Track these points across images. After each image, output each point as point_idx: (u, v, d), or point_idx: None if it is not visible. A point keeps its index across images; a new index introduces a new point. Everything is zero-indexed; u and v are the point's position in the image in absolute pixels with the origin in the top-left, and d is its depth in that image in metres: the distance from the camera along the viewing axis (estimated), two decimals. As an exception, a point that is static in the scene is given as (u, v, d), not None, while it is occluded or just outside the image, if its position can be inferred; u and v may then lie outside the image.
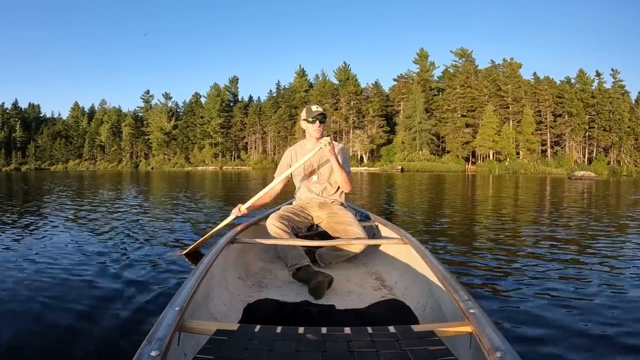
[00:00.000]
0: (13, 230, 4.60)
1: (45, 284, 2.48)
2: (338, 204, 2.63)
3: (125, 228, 4.74)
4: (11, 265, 2.95)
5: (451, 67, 59.28)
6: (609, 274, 2.82)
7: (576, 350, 1.68)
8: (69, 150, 79.72)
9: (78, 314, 1.97)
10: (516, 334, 1.79)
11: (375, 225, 2.72)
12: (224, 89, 73.12)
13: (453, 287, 1.30)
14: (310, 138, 2.57)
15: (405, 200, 9.96)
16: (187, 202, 8.47)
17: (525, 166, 45.39)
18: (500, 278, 2.70)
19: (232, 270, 2.08)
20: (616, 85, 52.94)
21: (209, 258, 1.65)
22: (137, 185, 16.42)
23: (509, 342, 0.93)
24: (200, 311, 1.44)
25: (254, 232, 2.54)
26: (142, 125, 77.45)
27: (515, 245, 3.92)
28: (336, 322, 1.31)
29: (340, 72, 65.03)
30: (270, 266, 2.43)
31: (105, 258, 3.12)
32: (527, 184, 19.19)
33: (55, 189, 13.54)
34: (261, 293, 1.95)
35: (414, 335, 1.03)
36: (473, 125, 52.67)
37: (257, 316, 1.46)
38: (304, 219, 2.55)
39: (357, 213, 2.88)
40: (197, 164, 66.31)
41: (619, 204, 9.15)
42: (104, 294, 2.26)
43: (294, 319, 1.41)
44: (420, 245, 1.91)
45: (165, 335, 0.95)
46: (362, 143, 54.90)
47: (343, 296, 1.91)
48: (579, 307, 2.14)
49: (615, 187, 17.42)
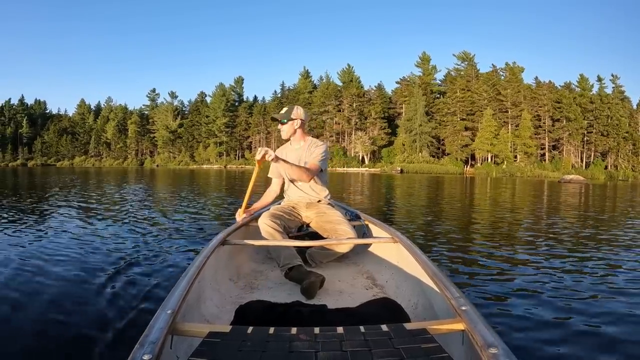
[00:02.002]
0: (9, 228, 4.69)
1: (33, 284, 2.49)
2: (325, 203, 2.63)
3: (123, 227, 4.83)
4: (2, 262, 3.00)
5: (453, 70, 60.21)
6: (598, 270, 2.96)
7: (568, 346, 1.71)
8: (75, 146, 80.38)
9: (69, 317, 1.98)
10: (508, 330, 1.83)
11: (366, 225, 2.73)
12: (230, 89, 73.79)
13: (444, 285, 1.31)
14: (296, 139, 2.62)
15: (400, 199, 10.35)
16: (193, 200, 8.68)
17: (522, 169, 46.14)
18: (492, 275, 2.76)
19: (224, 271, 2.09)
20: (616, 91, 53.65)
21: (200, 260, 1.65)
22: (142, 182, 16.77)
23: (501, 338, 0.93)
24: (192, 313, 1.46)
25: (244, 234, 2.54)
26: (148, 123, 78.00)
27: (506, 244, 4.06)
28: (328, 322, 1.32)
29: (344, 74, 65.71)
30: (261, 267, 2.44)
31: (99, 258, 3.19)
32: (520, 186, 19.59)
33: (60, 184, 14.01)
34: (253, 294, 1.96)
35: (407, 333, 1.03)
36: (472, 128, 53.58)
37: (249, 317, 1.46)
38: (294, 219, 2.56)
39: (347, 212, 2.90)
40: (201, 163, 67.02)
41: (594, 203, 10.03)
42: (96, 297, 2.27)
43: (286, 320, 1.41)
44: (411, 244, 1.92)
45: (158, 338, 0.95)
46: (363, 144, 55.83)
47: (335, 296, 1.92)
48: (569, 302, 2.20)
49: (601, 190, 18.08)
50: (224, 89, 72.61)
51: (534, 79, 57.20)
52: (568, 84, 56.22)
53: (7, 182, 16.24)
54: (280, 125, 2.56)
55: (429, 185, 18.39)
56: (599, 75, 55.07)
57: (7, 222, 5.09)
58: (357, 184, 18.12)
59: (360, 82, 64.88)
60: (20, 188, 12.78)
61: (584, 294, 2.39)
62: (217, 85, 73.30)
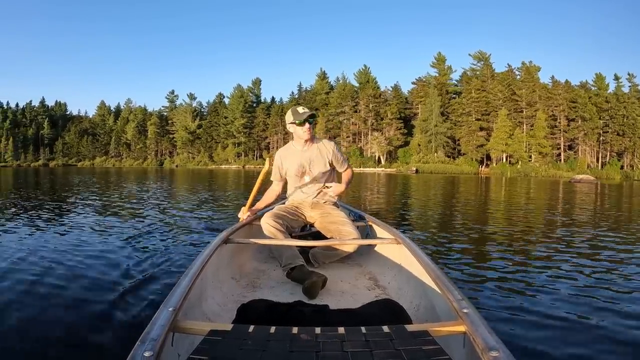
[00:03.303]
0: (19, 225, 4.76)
1: (38, 280, 2.49)
2: (330, 203, 2.61)
3: (130, 224, 4.88)
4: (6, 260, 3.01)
5: (469, 70, 60.49)
6: (604, 274, 2.90)
7: (571, 350, 1.68)
8: (96, 147, 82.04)
9: (71, 313, 1.99)
10: (510, 334, 1.79)
11: (369, 225, 2.72)
12: (247, 90, 74.86)
13: (446, 287, 1.31)
14: (299, 140, 2.53)
15: (413, 199, 10.46)
16: (209, 199, 8.85)
17: (536, 169, 46.17)
18: (495, 278, 2.73)
19: (226, 270, 2.09)
20: (632, 90, 53.32)
21: (203, 258, 1.65)
22: (160, 182, 17.02)
23: (502, 341, 0.93)
24: (194, 311, 1.46)
25: (247, 232, 2.54)
26: (167, 124, 79.33)
27: (511, 246, 4.00)
28: (330, 322, 1.31)
29: (361, 74, 66.27)
30: (263, 266, 2.44)
31: (103, 255, 3.18)
32: (532, 186, 19.44)
33: (81, 183, 14.55)
34: (255, 293, 1.96)
35: (408, 335, 1.03)
36: (487, 128, 53.87)
37: (251, 316, 1.46)
38: (297, 219, 2.54)
39: (350, 213, 2.89)
40: (220, 163, 68.10)
41: (601, 202, 10.09)
42: (97, 293, 2.26)
43: (287, 319, 1.40)
44: (414, 245, 1.91)
45: (159, 335, 0.95)
46: (379, 145, 56.56)
47: (337, 296, 1.92)
48: (574, 308, 2.16)
49: (611, 189, 17.97)
50: (242, 90, 73.72)
51: (550, 78, 57.15)
52: (583, 83, 55.95)
53: (29, 180, 17.00)
54: (307, 125, 2.45)
55: (443, 185, 18.32)
56: (616, 74, 54.77)
57: (21, 219, 5.19)
58: (374, 183, 18.44)
59: (377, 83, 65.45)
60: (41, 186, 13.41)
61: (589, 299, 2.33)
62: (235, 87, 74.41)
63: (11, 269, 2.76)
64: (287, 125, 2.56)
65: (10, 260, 3.02)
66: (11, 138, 79.98)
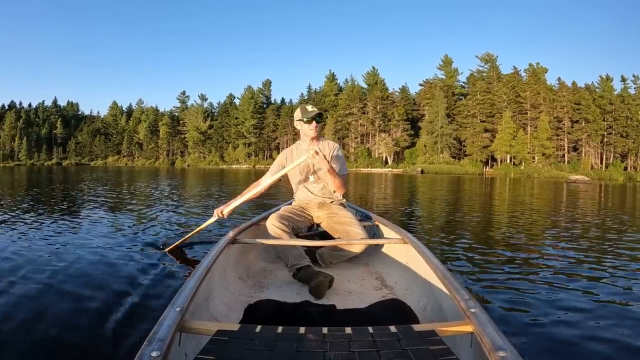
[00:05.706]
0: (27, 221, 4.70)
1: (46, 279, 2.45)
2: (337, 203, 2.59)
3: (137, 222, 4.82)
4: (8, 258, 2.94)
5: (476, 72, 61.12)
6: (614, 274, 2.83)
7: (579, 350, 1.68)
8: (108, 146, 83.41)
9: (78, 313, 1.96)
10: (517, 334, 1.78)
11: (376, 225, 2.71)
12: (258, 91, 75.47)
13: (454, 287, 1.31)
14: (306, 138, 2.54)
15: (419, 198, 10.52)
16: (219, 197, 8.85)
17: (539, 170, 46.22)
18: (502, 278, 2.70)
19: (233, 270, 2.09)
20: (638, 92, 53.49)
21: (210, 258, 1.65)
22: (171, 180, 16.97)
23: (510, 341, 0.92)
24: (201, 311, 1.46)
25: (254, 233, 2.53)
26: (179, 125, 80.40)
27: (517, 245, 3.96)
28: (337, 322, 1.30)
29: (369, 76, 66.87)
30: (270, 266, 2.43)
31: (109, 254, 3.12)
32: (535, 186, 19.62)
33: (94, 180, 14.79)
34: (262, 293, 1.95)
35: (415, 334, 1.03)
36: (492, 130, 54.51)
37: (258, 316, 1.46)
38: (304, 219, 2.53)
39: (357, 213, 2.86)
40: (231, 163, 68.77)
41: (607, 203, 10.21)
42: (105, 293, 2.23)
43: (294, 319, 1.39)
44: (421, 245, 1.91)
45: (166, 335, 0.95)
46: (386, 146, 57.49)
47: (344, 296, 1.92)
48: (582, 308, 2.13)
49: (607, 190, 17.73)
50: (252, 91, 74.40)
51: (557, 79, 57.37)
52: (588, 85, 56.12)
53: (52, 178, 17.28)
54: (315, 123, 2.47)
55: (448, 185, 18.37)
56: (623, 75, 54.91)
57: (29, 217, 5.16)
58: (381, 183, 18.62)
59: (385, 85, 65.86)
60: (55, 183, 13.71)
61: (598, 300, 2.30)
62: (246, 88, 75.26)
63: (18, 267, 2.72)
64: (294, 123, 2.59)
65: (20, 256, 3.00)
66: (25, 137, 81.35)
